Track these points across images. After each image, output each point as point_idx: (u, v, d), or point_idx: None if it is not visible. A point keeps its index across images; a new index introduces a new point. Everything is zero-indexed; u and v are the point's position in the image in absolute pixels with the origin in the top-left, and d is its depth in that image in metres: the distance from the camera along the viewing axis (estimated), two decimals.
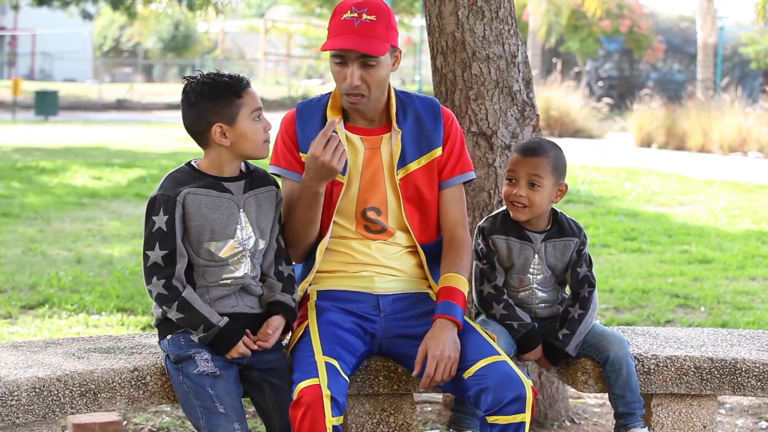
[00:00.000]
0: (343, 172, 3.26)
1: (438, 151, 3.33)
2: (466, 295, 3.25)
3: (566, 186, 3.46)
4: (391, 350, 3.28)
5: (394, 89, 3.35)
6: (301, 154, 3.30)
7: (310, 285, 3.34)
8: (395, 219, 3.31)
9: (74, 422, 4.07)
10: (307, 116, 3.33)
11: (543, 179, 3.38)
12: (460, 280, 3.25)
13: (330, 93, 3.36)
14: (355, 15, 3.15)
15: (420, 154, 3.32)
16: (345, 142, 3.27)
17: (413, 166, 3.31)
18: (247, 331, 3.11)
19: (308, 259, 3.35)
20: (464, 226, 3.38)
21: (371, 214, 3.30)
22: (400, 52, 3.29)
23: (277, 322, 3.14)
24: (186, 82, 3.14)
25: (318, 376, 2.96)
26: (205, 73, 3.13)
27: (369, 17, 3.15)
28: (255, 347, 3.10)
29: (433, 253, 3.37)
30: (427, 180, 3.33)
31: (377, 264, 3.31)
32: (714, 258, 8.36)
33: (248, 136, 3.10)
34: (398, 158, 3.29)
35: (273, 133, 3.20)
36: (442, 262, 3.32)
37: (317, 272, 3.33)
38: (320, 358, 3.03)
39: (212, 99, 3.08)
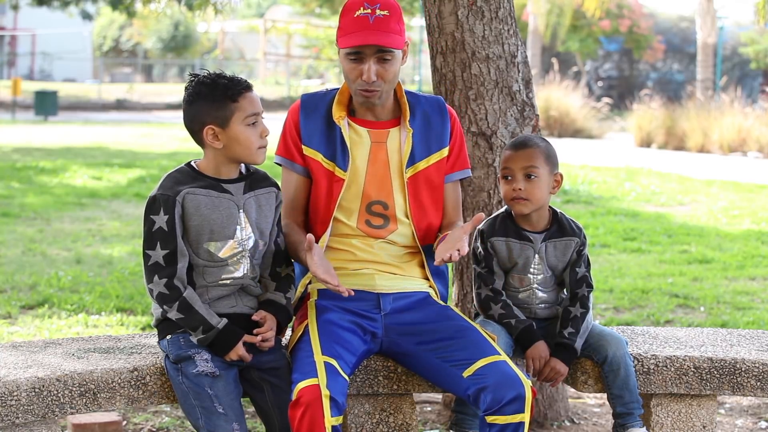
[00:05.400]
0: (345, 168, 3.28)
1: (446, 151, 3.39)
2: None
3: (561, 176, 3.47)
4: (393, 348, 3.28)
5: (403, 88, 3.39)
6: (303, 146, 3.33)
7: (310, 283, 3.34)
8: (401, 215, 3.34)
9: (74, 422, 4.07)
10: (311, 109, 3.36)
11: (538, 169, 3.40)
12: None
13: (336, 89, 3.38)
14: (369, 11, 3.20)
15: (429, 153, 3.36)
16: (352, 137, 3.31)
17: (422, 165, 3.35)
18: (246, 335, 3.10)
19: None
20: (461, 219, 3.48)
21: (377, 208, 3.32)
22: (407, 45, 3.31)
23: (268, 327, 3.12)
24: (189, 80, 3.14)
25: (317, 376, 2.96)
26: (207, 73, 3.13)
27: (382, 12, 3.20)
28: (258, 339, 3.08)
29: (429, 255, 3.39)
30: (435, 179, 3.37)
31: (378, 261, 3.33)
32: (714, 258, 8.36)
33: (240, 140, 3.10)
34: (408, 157, 3.31)
35: (273, 133, 3.20)
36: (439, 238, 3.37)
37: None
38: (319, 358, 3.03)
39: (208, 100, 3.08)
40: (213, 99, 3.08)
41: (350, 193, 3.31)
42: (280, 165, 3.40)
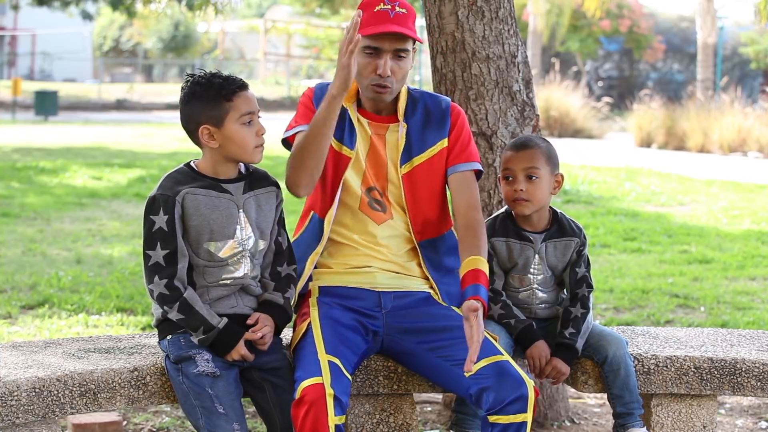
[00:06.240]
0: (352, 147, 3.32)
1: (444, 142, 3.38)
2: (487, 274, 3.22)
3: (562, 176, 3.47)
4: (393, 347, 3.29)
5: (407, 85, 3.42)
6: None
7: (311, 281, 3.35)
8: (396, 206, 3.36)
9: (74, 422, 4.07)
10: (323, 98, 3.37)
11: (540, 170, 3.40)
12: (481, 262, 3.22)
13: None
14: (389, 7, 3.25)
15: (426, 147, 3.36)
16: (356, 123, 3.34)
17: (417, 160, 3.36)
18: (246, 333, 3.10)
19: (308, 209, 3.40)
20: (478, 209, 3.36)
21: (375, 194, 3.35)
22: (414, 50, 3.34)
23: (262, 324, 3.12)
24: (185, 80, 3.15)
25: (321, 375, 2.96)
26: (203, 72, 3.14)
27: (401, 10, 3.27)
28: (256, 336, 3.08)
29: (429, 251, 3.39)
30: (433, 172, 3.37)
31: (380, 259, 3.33)
32: (714, 258, 8.36)
33: (236, 140, 3.10)
34: (402, 152, 3.33)
35: (272, 133, 3.20)
36: (460, 248, 3.28)
37: (318, 268, 3.36)
38: (323, 357, 3.03)
39: (202, 100, 3.09)
40: (207, 98, 3.08)
41: (354, 170, 3.33)
42: (290, 141, 3.34)
